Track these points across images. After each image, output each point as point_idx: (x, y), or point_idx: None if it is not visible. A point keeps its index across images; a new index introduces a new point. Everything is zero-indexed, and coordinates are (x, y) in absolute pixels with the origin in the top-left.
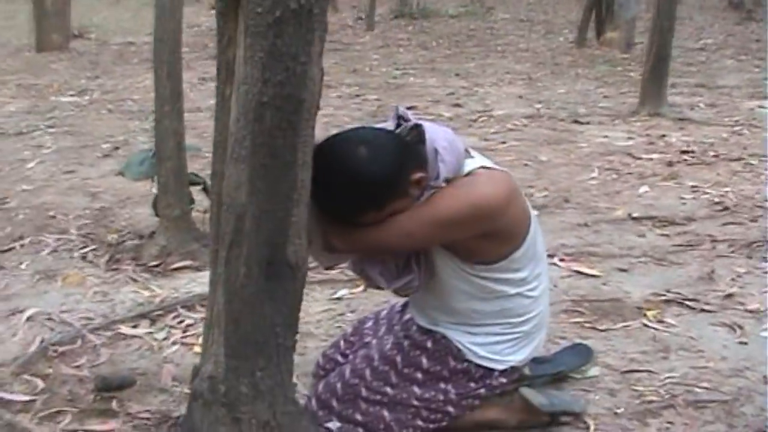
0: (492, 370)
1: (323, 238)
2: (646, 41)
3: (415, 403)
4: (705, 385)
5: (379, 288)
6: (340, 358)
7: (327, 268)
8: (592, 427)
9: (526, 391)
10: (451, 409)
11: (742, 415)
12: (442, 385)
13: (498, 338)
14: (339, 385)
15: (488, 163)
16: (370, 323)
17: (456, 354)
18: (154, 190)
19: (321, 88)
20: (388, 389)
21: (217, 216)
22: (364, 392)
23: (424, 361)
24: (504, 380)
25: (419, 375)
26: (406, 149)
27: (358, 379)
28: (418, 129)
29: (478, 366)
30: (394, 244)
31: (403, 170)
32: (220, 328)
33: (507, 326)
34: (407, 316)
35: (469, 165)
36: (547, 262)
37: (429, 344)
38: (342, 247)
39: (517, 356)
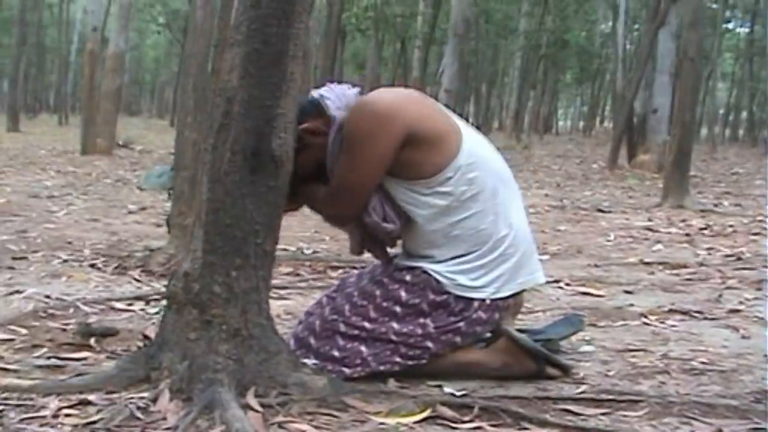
0: (471, 301)
1: (319, 213)
2: (665, 134)
3: (394, 338)
4: (703, 360)
5: (390, 239)
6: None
7: (359, 252)
8: (581, 377)
9: (509, 329)
10: (430, 344)
11: (740, 381)
12: (421, 320)
13: (473, 264)
14: (318, 323)
15: None
16: (352, 279)
17: (435, 287)
18: (169, 203)
19: None
20: (366, 324)
21: (211, 111)
22: (342, 327)
23: (403, 294)
24: (483, 315)
25: (398, 309)
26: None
27: (337, 315)
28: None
29: (458, 298)
30: (351, 183)
31: None
32: (200, 220)
33: (480, 251)
34: (391, 266)
35: None
36: (517, 195)
37: (408, 278)
38: (329, 210)
39: (495, 284)
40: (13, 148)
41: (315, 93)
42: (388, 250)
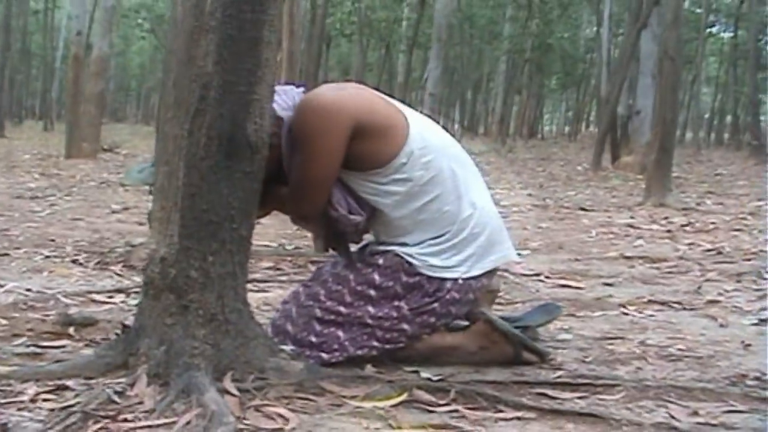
0: (443, 281)
1: (286, 213)
2: (649, 135)
3: (369, 321)
4: (680, 347)
5: (357, 233)
6: None
7: (324, 249)
8: (558, 363)
9: (486, 312)
10: (405, 326)
11: (717, 367)
12: (396, 302)
13: (443, 246)
14: (294, 309)
15: None
16: (327, 267)
17: (407, 269)
18: (150, 201)
19: None
20: (342, 308)
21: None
22: (318, 313)
23: (377, 277)
24: (456, 295)
25: (372, 292)
26: None
27: (312, 301)
28: None
29: (430, 279)
30: (307, 180)
31: None
32: (177, 206)
33: (449, 233)
34: (364, 252)
35: None
36: (477, 176)
37: (381, 261)
38: (293, 209)
39: (467, 263)
40: None
41: None
42: (352, 247)
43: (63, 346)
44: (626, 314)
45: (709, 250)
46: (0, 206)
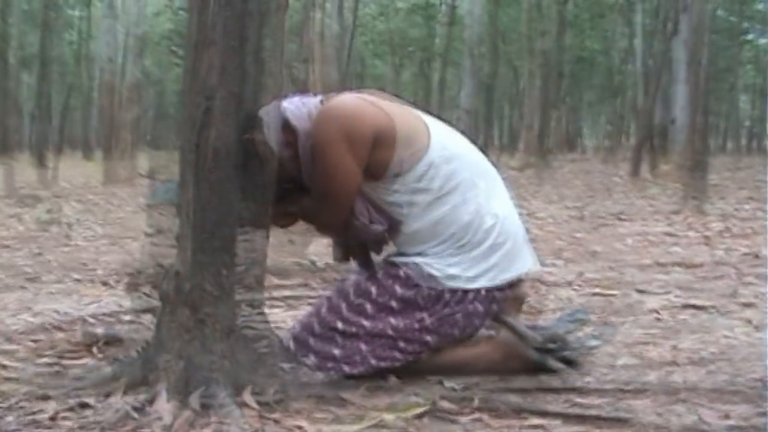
0: (466, 293)
1: (311, 223)
2: (684, 142)
3: (391, 333)
4: (713, 350)
5: (377, 243)
6: None
7: (343, 259)
8: (586, 369)
9: (509, 319)
10: (428, 337)
11: (750, 370)
12: (418, 314)
13: (465, 256)
14: (315, 322)
15: None
16: (349, 280)
17: (429, 280)
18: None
19: None
20: (364, 321)
21: (192, 110)
22: (340, 326)
23: (398, 288)
24: (480, 306)
25: (394, 303)
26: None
27: (334, 314)
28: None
29: (453, 290)
30: (330, 190)
31: None
32: (189, 219)
33: (470, 243)
34: (385, 263)
35: None
36: (499, 186)
37: (402, 272)
38: (318, 219)
39: (490, 274)
40: (36, 181)
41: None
42: (373, 257)
43: (85, 365)
44: (659, 319)
45: (746, 254)
46: (35, 232)
